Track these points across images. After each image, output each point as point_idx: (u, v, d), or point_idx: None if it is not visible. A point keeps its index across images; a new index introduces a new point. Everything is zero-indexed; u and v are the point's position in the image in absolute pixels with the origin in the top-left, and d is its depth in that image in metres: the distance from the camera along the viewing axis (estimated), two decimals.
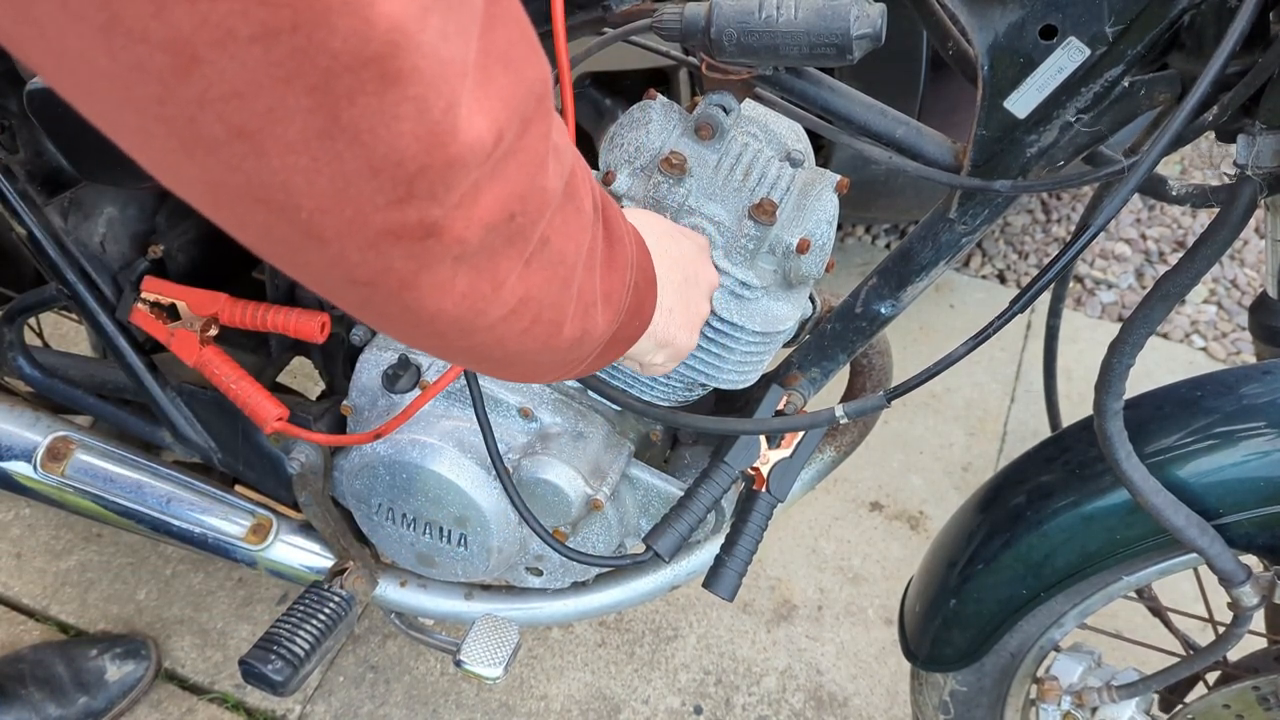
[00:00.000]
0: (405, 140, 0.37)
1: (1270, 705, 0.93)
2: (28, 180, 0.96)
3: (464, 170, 0.40)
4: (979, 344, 0.74)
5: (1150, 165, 0.64)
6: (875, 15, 0.71)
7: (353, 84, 0.35)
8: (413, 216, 0.40)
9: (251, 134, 0.35)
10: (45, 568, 1.65)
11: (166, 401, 1.08)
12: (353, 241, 0.41)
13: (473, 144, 0.39)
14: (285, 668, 1.02)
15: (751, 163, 0.84)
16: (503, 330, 0.51)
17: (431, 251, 0.43)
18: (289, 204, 0.38)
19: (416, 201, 0.40)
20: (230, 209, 0.40)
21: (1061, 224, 2.42)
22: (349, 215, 0.39)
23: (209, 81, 0.33)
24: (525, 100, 0.42)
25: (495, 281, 0.47)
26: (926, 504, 1.81)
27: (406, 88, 0.36)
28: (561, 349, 0.57)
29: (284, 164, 0.37)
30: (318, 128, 0.36)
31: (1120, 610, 1.58)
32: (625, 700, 1.53)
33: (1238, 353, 2.13)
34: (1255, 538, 0.85)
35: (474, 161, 0.40)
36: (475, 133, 0.39)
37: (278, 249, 0.42)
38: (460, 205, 0.41)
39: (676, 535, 0.90)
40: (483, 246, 0.44)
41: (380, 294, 0.45)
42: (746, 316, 0.85)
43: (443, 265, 0.44)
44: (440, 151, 0.38)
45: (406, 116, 0.36)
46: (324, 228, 0.40)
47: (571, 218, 0.51)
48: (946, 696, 1.08)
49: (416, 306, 0.46)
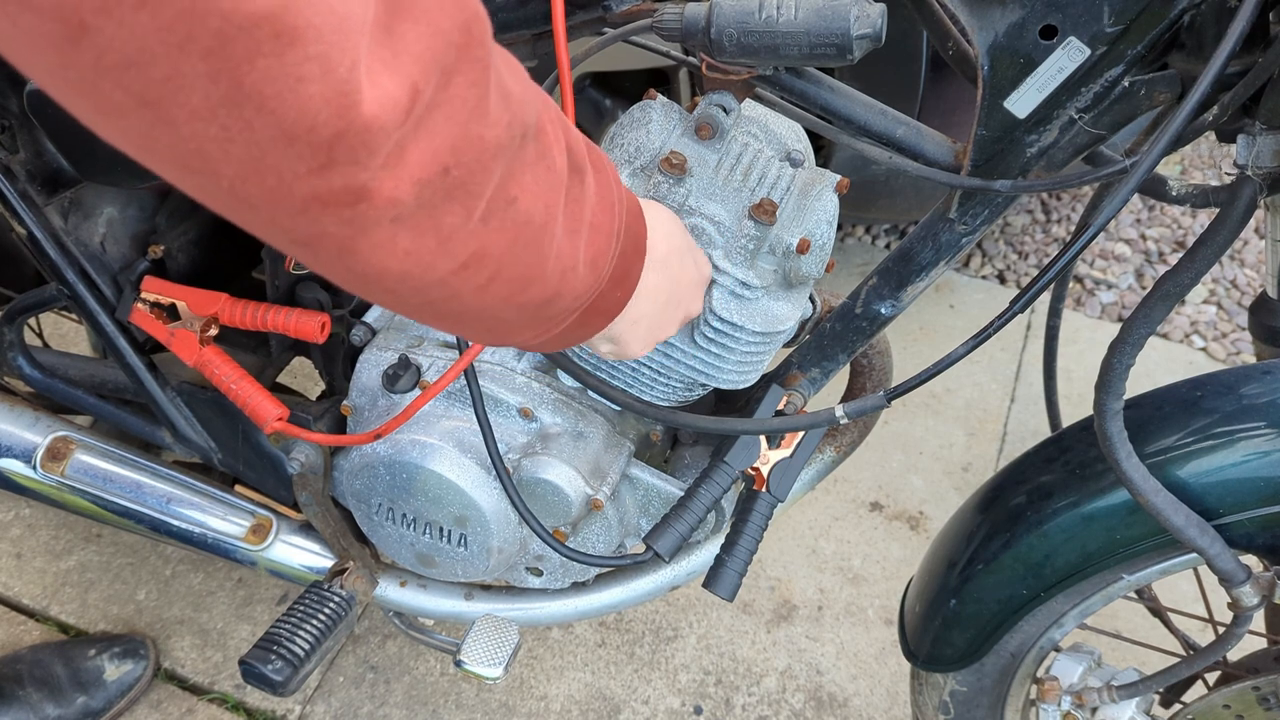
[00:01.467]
0: (314, 104, 0.36)
1: (1270, 705, 0.93)
2: (28, 180, 0.96)
3: (382, 132, 0.39)
4: (979, 344, 0.74)
5: (1150, 165, 0.64)
6: (875, 15, 0.71)
7: (249, 45, 0.34)
8: (338, 183, 0.39)
9: (154, 102, 0.35)
10: (45, 568, 1.65)
11: (166, 401, 1.08)
12: (281, 209, 0.40)
13: (384, 103, 0.38)
14: (285, 668, 1.02)
15: (751, 163, 0.84)
16: (456, 285, 0.50)
17: (365, 216, 0.42)
18: (209, 170, 0.38)
19: (339, 168, 0.39)
20: (163, 168, 0.39)
21: (1061, 224, 2.42)
22: (271, 184, 0.39)
23: (100, 50, 0.33)
24: (442, 51, 0.40)
25: (440, 237, 0.46)
26: (926, 504, 1.81)
27: (306, 46, 0.35)
28: (530, 306, 0.55)
29: (194, 132, 0.36)
30: (221, 95, 0.35)
31: (1120, 610, 1.59)
32: (625, 700, 1.53)
33: (1238, 353, 2.13)
34: (1255, 538, 0.85)
35: (392, 121, 0.39)
36: (384, 92, 0.38)
37: (218, 207, 0.42)
38: (386, 166, 0.40)
39: (676, 535, 0.90)
40: (420, 204, 0.43)
41: (323, 255, 0.44)
42: (746, 316, 0.85)
43: (380, 228, 0.43)
44: (353, 112, 0.37)
45: (311, 77, 0.35)
46: (249, 194, 0.39)
47: (542, 175, 0.50)
48: (946, 696, 1.08)
49: (360, 268, 0.45)
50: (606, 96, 1.81)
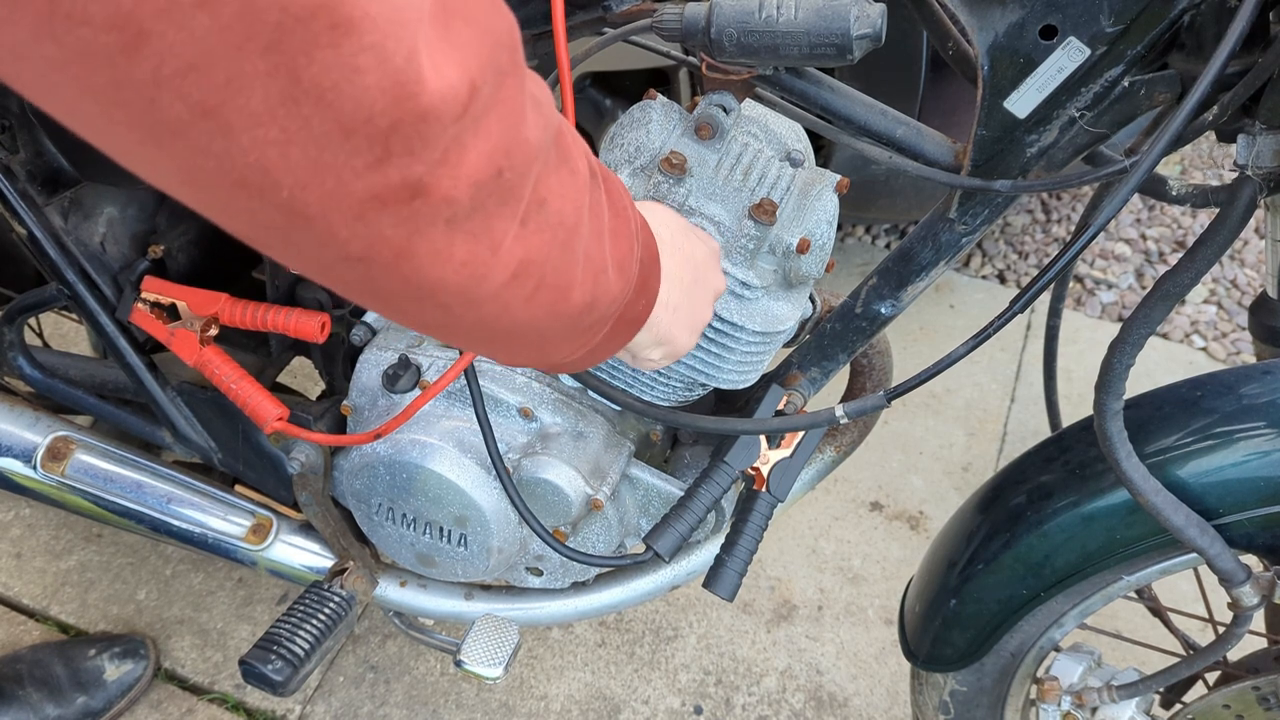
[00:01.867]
0: (371, 94, 0.36)
1: (1270, 705, 0.93)
2: (28, 180, 0.96)
3: (439, 123, 0.38)
4: (979, 344, 0.74)
5: (1150, 165, 0.64)
6: (875, 15, 0.71)
7: (306, 38, 0.33)
8: (394, 177, 0.39)
9: (214, 109, 0.34)
10: (45, 568, 1.65)
11: (166, 401, 1.08)
12: (339, 214, 0.40)
13: (444, 94, 0.38)
14: (285, 668, 1.02)
15: (751, 163, 0.84)
16: (508, 297, 0.50)
17: (421, 214, 0.41)
18: (267, 184, 0.37)
19: (396, 160, 0.38)
20: (210, 195, 0.39)
21: (1061, 224, 2.42)
22: (330, 186, 0.38)
23: (160, 57, 0.32)
24: (495, 51, 0.41)
25: (493, 244, 0.46)
26: (926, 504, 1.81)
27: (362, 35, 0.35)
28: (571, 315, 0.56)
29: (253, 139, 0.36)
30: (280, 92, 0.35)
31: (1120, 610, 1.59)
32: (625, 700, 1.53)
33: (1238, 353, 2.13)
34: (1255, 538, 0.85)
35: (449, 114, 0.39)
36: (446, 83, 0.38)
37: (266, 234, 0.41)
38: (443, 162, 0.40)
39: (676, 535, 0.90)
40: (475, 207, 0.43)
41: (377, 269, 0.44)
42: (746, 316, 0.85)
43: (435, 229, 0.43)
44: (410, 103, 0.37)
45: (368, 68, 0.35)
46: (307, 204, 0.39)
47: (566, 178, 0.51)
48: (946, 696, 1.08)
49: (416, 278, 0.45)
50: (606, 96, 1.81)
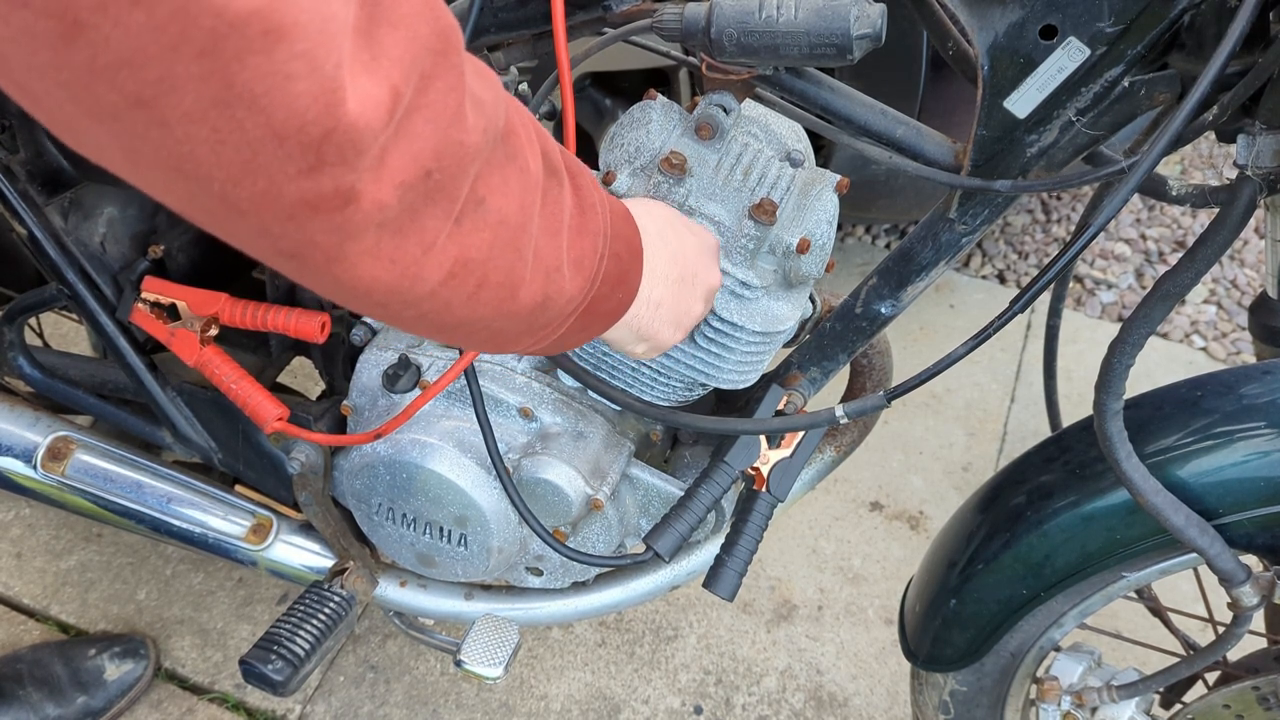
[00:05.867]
0: (303, 101, 0.36)
1: (1270, 705, 0.93)
2: (28, 180, 0.96)
3: (369, 131, 0.39)
4: (979, 344, 0.74)
5: (1150, 165, 0.64)
6: (875, 15, 0.71)
7: (240, 44, 0.34)
8: (327, 185, 0.40)
9: (148, 103, 0.35)
10: (45, 568, 1.65)
11: (166, 401, 1.08)
12: (270, 214, 0.40)
13: (368, 103, 0.39)
14: (285, 668, 1.02)
15: (751, 163, 0.84)
16: (447, 295, 0.50)
17: (352, 221, 0.42)
18: (200, 175, 0.38)
19: (328, 169, 0.39)
20: (151, 176, 0.39)
21: (1061, 224, 2.42)
22: (262, 187, 0.39)
23: (95, 48, 0.33)
24: (420, 56, 0.41)
25: (424, 244, 0.46)
26: (926, 504, 1.81)
27: (294, 43, 0.35)
28: (522, 314, 0.56)
29: (187, 134, 0.36)
30: (212, 95, 0.35)
31: (1120, 610, 1.59)
32: (625, 700, 1.53)
33: (1238, 353, 2.13)
34: (1255, 538, 0.85)
35: (377, 122, 0.39)
36: (367, 92, 0.38)
37: (208, 219, 0.42)
38: (374, 168, 0.41)
39: (676, 535, 0.90)
40: (403, 208, 0.43)
41: (309, 267, 0.44)
42: (746, 316, 0.85)
43: (366, 234, 0.43)
44: (340, 110, 0.37)
45: (299, 74, 0.36)
46: (239, 200, 0.39)
47: (513, 176, 0.51)
48: (946, 696, 1.08)
49: (349, 279, 0.45)
50: (606, 96, 1.81)
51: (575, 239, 0.58)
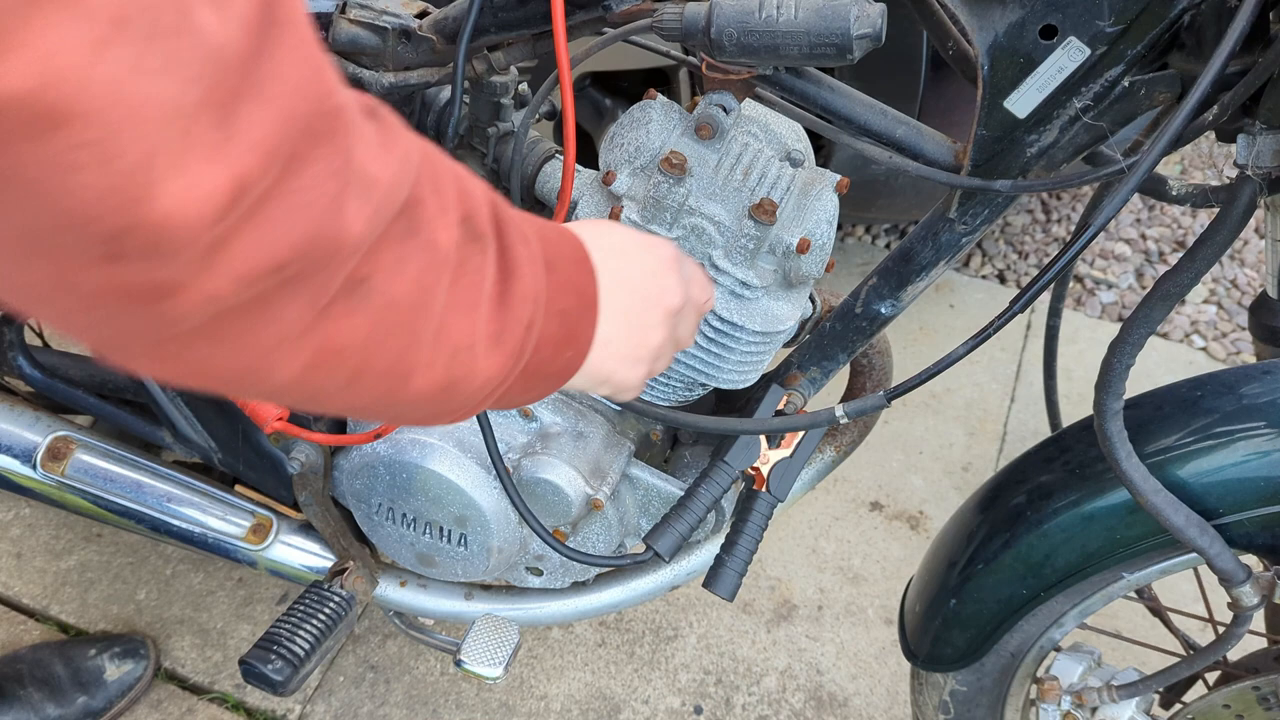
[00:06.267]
0: (88, 195, 0.31)
1: (1270, 705, 0.93)
2: None
3: (187, 230, 0.33)
4: (979, 344, 0.74)
5: (1150, 165, 0.64)
6: (875, 15, 0.71)
7: (7, 127, 0.30)
8: (133, 277, 0.34)
9: None
10: (45, 568, 1.65)
11: (166, 401, 1.08)
12: (68, 303, 0.35)
13: (191, 199, 0.33)
14: (285, 667, 1.02)
15: (751, 163, 0.84)
16: (315, 384, 0.44)
17: (176, 311, 0.36)
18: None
19: (131, 262, 0.34)
20: None
21: (1061, 224, 2.42)
22: (51, 273, 0.34)
23: None
24: (291, 138, 0.36)
25: (279, 334, 0.40)
26: (926, 504, 1.81)
27: (77, 132, 0.30)
28: (419, 401, 0.49)
29: None
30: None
31: (1120, 610, 1.59)
32: (625, 700, 1.53)
33: (1238, 353, 2.13)
34: (1255, 538, 0.85)
35: (201, 220, 0.34)
36: (194, 184, 0.33)
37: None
38: (199, 261, 0.35)
39: (676, 535, 0.90)
40: (251, 297, 0.38)
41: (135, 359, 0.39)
42: (746, 316, 0.85)
43: (200, 323, 0.37)
44: (140, 209, 0.32)
45: (84, 166, 0.31)
46: (30, 278, 0.34)
47: (411, 253, 0.44)
48: (946, 696, 1.08)
49: (183, 371, 0.40)
50: (606, 96, 1.81)
51: (497, 310, 0.50)
